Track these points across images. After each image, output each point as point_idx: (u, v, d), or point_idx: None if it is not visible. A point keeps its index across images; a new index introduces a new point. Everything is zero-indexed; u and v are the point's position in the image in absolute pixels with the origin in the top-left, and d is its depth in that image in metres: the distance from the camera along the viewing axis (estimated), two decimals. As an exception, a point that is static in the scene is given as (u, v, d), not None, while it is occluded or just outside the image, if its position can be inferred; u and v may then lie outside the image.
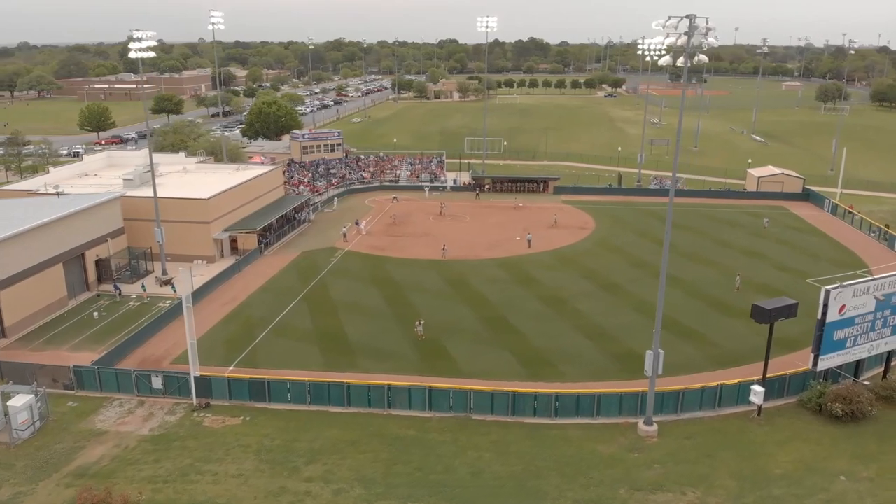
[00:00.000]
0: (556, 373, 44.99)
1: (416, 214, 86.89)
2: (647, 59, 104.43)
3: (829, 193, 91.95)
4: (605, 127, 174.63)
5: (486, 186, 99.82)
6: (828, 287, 37.91)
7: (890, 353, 42.25)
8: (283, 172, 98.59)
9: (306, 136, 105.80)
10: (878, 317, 39.92)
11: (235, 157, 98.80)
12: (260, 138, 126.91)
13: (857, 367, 41.52)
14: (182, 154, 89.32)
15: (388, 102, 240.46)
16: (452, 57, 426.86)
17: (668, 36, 32.79)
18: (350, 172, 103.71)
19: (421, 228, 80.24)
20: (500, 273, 64.43)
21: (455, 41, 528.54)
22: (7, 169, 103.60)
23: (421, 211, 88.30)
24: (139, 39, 56.87)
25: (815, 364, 38.98)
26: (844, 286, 37.99)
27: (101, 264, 61.51)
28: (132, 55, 57.96)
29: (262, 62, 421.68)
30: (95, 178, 78.20)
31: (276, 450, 36.55)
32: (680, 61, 33.46)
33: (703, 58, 34.32)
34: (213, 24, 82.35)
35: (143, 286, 59.20)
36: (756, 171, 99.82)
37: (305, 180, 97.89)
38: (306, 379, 41.13)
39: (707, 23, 32.80)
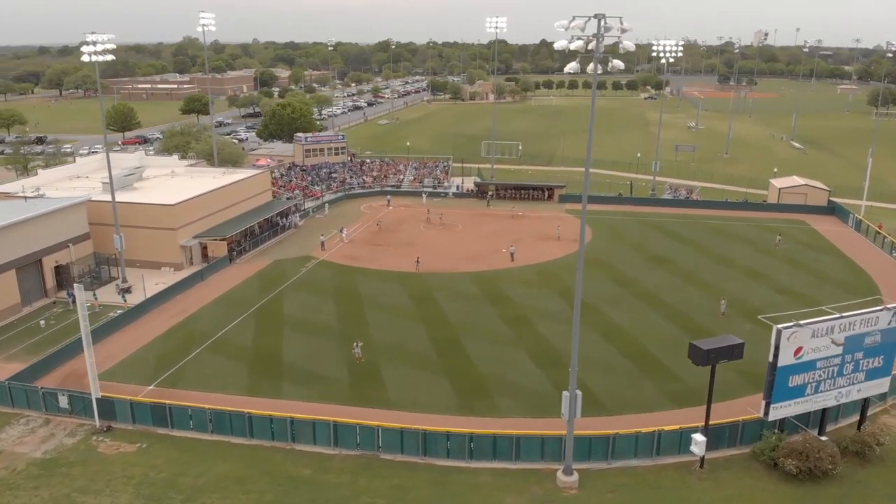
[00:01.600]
0: (490, 406, 41.10)
1: (409, 222, 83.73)
2: (663, 60, 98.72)
3: (858, 207, 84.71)
4: (637, 130, 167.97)
5: (491, 193, 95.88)
6: (780, 326, 33.00)
7: (866, 402, 36.95)
8: (282, 176, 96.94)
9: (309, 139, 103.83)
10: (847, 360, 34.72)
11: (236, 159, 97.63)
12: (274, 140, 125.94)
13: (823, 417, 36.32)
14: (175, 157, 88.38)
15: (421, 104, 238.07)
16: (498, 57, 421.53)
17: (572, 40, 28.69)
18: (351, 177, 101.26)
19: (407, 237, 77.02)
20: (471, 289, 60.66)
21: (504, 41, 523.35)
22: (14, 169, 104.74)
23: (414, 218, 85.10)
24: (93, 43, 55.21)
25: (766, 413, 34.09)
26: (801, 325, 33.03)
27: (60, 270, 60.39)
28: (84, 58, 56.35)
29: (308, 63, 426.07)
30: (86, 180, 77.60)
31: (158, 483, 33.87)
32: (591, 67, 29.28)
33: (618, 63, 30.08)
34: (203, 25, 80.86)
35: (94, 294, 57.66)
36: (778, 182, 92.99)
37: (303, 184, 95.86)
38: (207, 406, 38.37)
39: (622, 23, 28.60)
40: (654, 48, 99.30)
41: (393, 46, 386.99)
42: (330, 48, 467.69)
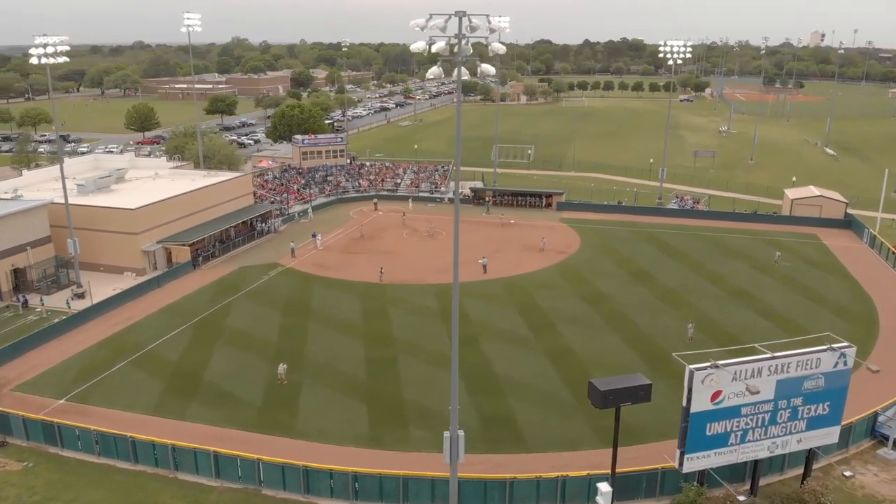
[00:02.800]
0: (402, 438, 37.91)
1: (392, 228, 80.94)
2: (670, 61, 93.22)
3: (880, 221, 78.15)
4: (663, 134, 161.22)
5: (489, 200, 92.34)
6: (693, 367, 28.92)
7: (810, 453, 32.43)
8: (274, 178, 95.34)
9: (306, 141, 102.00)
10: (780, 407, 30.35)
11: (231, 161, 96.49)
12: (283, 141, 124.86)
13: (755, 470, 31.96)
14: (163, 159, 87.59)
15: (450, 105, 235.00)
16: (539, 58, 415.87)
17: (431, 40, 25.35)
18: (347, 180, 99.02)
19: (385, 245, 74.22)
20: (430, 302, 57.46)
21: (548, 41, 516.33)
22: (17, 168, 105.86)
23: (398, 224, 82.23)
24: (43, 45, 54.11)
25: (680, 463, 30.01)
26: (719, 366, 28.89)
27: (17, 274, 59.62)
28: (33, 61, 55.33)
29: (348, 63, 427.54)
30: (70, 181, 77.17)
31: (22, 511, 31.88)
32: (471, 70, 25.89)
33: (488, 68, 26.61)
34: (187, 26, 79.65)
35: (41, 300, 56.60)
36: (792, 192, 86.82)
37: (295, 188, 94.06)
38: (92, 427, 36.23)
39: (489, 21, 25.15)
40: (661, 49, 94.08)
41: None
42: (373, 49, 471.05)
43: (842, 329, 51.54)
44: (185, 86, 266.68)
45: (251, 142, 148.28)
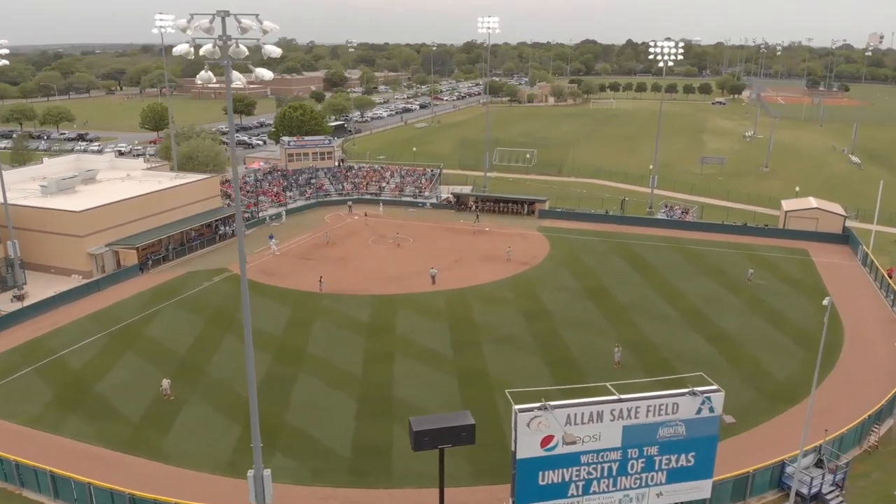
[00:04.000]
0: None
1: (361, 234, 78.87)
2: (661, 64, 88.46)
3: (882, 235, 72.29)
4: (685, 138, 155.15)
5: (475, 207, 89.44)
6: (520, 408, 25.84)
7: (674, 506, 28.90)
8: (257, 181, 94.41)
9: (292, 143, 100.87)
10: (631, 456, 26.99)
11: (215, 162, 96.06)
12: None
13: (609, 522, 28.59)
14: (140, 160, 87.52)
15: (475, 107, 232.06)
16: (580, 58, 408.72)
17: (194, 42, 23.05)
18: (331, 183, 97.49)
19: (346, 252, 72.20)
20: (361, 315, 55.06)
21: (593, 41, 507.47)
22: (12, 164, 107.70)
23: (368, 230, 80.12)
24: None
25: (511, 515, 26.99)
26: (549, 408, 25.75)
27: (-41, 274, 59.83)
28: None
29: (387, 64, 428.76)
30: (34, 182, 77.29)
31: None
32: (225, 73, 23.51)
33: (264, 72, 24.16)
34: (159, 27, 79.24)
35: (-29, 302, 56.54)
36: (788, 204, 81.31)
37: (275, 190, 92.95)
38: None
39: (261, 22, 22.67)
40: (651, 49, 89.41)
41: (459, 46, 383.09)
42: (414, 49, 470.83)
43: (793, 357, 47.66)
44: (218, 85, 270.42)
45: (260, 142, 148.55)
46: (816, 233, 75.94)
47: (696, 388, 27.06)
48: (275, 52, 24.69)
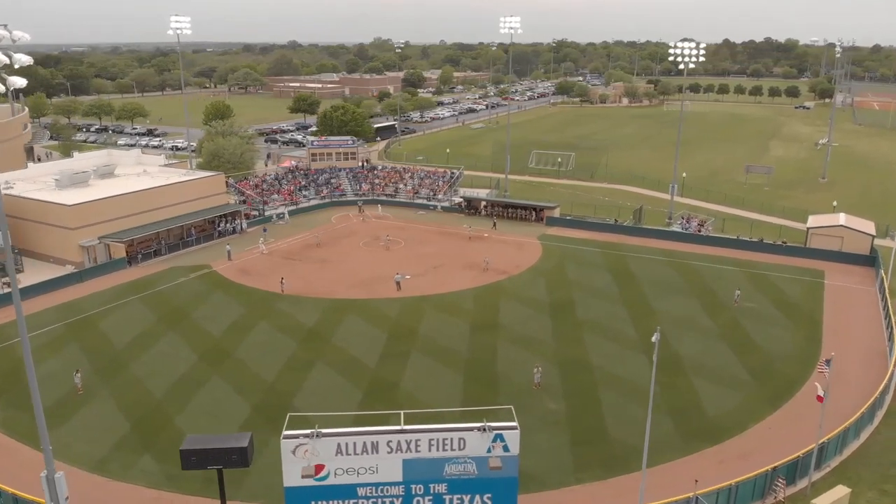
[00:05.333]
0: (131, 464, 35.94)
1: (358, 235, 78.78)
2: (682, 66, 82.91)
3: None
4: (748, 145, 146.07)
5: (483, 211, 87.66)
6: (287, 433, 24.48)
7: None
8: (276, 179, 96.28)
9: (315, 143, 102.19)
10: (415, 492, 25.07)
11: (242, 161, 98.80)
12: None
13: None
14: (162, 157, 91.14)
15: (542, 107, 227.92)
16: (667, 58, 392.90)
17: None
18: (351, 183, 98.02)
19: (331, 253, 72.22)
20: (309, 319, 54.67)
21: (690, 40, 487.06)
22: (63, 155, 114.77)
23: (364, 232, 79.86)
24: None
25: (288, 544, 25.62)
26: (318, 435, 24.28)
27: (-41, 261, 64.05)
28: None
29: (471, 64, 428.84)
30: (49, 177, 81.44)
31: None
32: None
33: (17, 80, 23.83)
34: (174, 29, 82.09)
35: (-49, 288, 60.41)
36: (815, 220, 74.53)
37: (292, 188, 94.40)
38: None
39: (10, 32, 22.38)
40: (672, 51, 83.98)
41: (550, 44, 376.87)
42: (503, 49, 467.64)
43: (738, 391, 43.59)
44: (297, 84, 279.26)
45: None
46: (840, 253, 69.19)
47: (489, 424, 24.78)
48: (26, 60, 24.29)
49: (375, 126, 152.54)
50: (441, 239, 77.54)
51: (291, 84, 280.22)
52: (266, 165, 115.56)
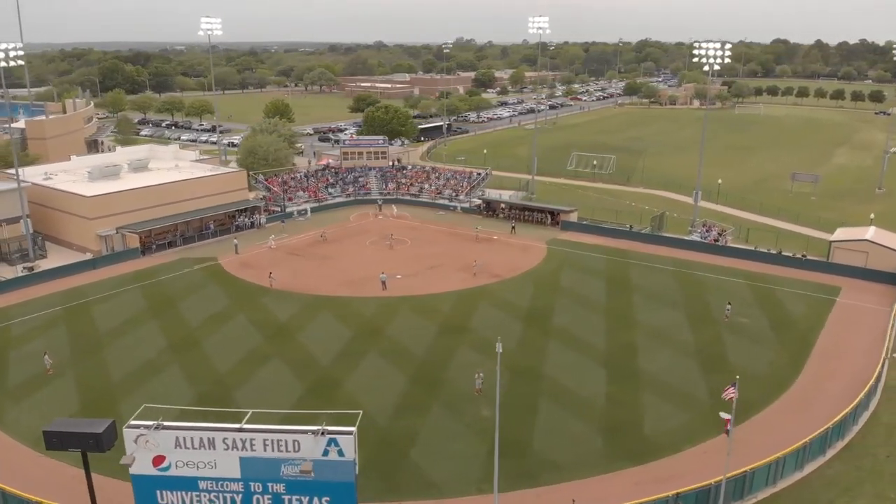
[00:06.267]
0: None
1: (368, 233, 79.75)
2: (706, 67, 78.96)
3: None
4: (811, 151, 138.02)
5: (501, 213, 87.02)
6: (130, 423, 25.31)
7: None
8: (306, 177, 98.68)
9: (347, 142, 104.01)
10: (254, 489, 25.44)
11: (277, 158, 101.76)
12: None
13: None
14: (197, 153, 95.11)
15: (608, 108, 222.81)
16: (759, 58, 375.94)
17: None
18: (379, 183, 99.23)
19: (335, 250, 73.48)
20: (283, 314, 55.82)
21: (784, 41, 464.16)
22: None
23: (374, 231, 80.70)
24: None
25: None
26: (158, 427, 25.00)
27: (-8, 245, 69.23)
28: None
29: (550, 63, 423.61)
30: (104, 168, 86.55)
31: None
32: None
33: None
34: (206, 30, 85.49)
35: (-4, 269, 65.23)
36: (843, 233, 69.76)
37: (320, 186, 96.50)
38: None
39: None
40: (695, 52, 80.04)
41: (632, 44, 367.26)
42: (583, 48, 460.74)
43: (688, 411, 41.14)
44: (368, 84, 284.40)
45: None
46: (864, 269, 64.51)
47: (325, 428, 24.75)
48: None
49: (423, 126, 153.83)
50: (449, 240, 77.39)
51: (363, 84, 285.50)
52: (309, 164, 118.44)
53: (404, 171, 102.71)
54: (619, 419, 40.40)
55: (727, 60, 78.30)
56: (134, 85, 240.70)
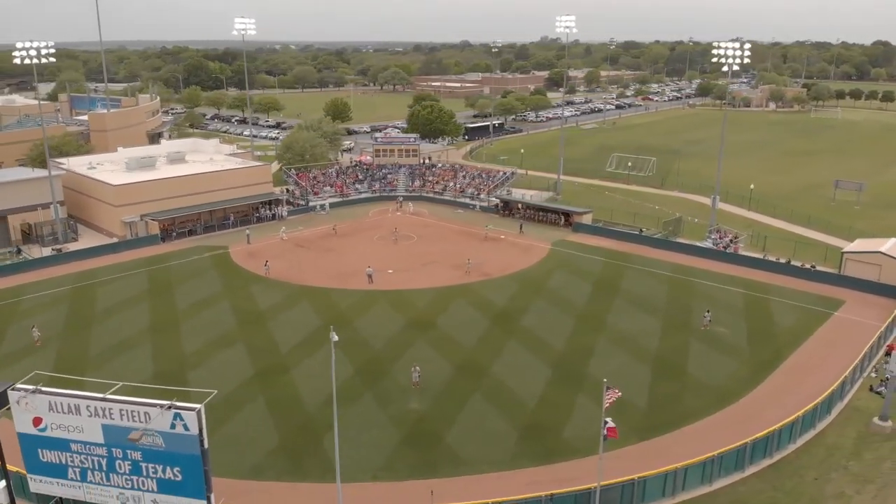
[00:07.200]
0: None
1: (378, 230, 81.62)
2: (726, 67, 75.54)
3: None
4: (874, 159, 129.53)
5: (518, 213, 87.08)
6: (16, 385, 27.88)
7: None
8: (337, 174, 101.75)
9: (380, 140, 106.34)
10: (116, 455, 27.45)
11: (311, 154, 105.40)
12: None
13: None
14: (235, 147, 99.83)
15: (678, 109, 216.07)
16: (853, 60, 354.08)
17: None
18: (407, 180, 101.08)
19: (341, 244, 75.76)
20: (267, 302, 58.45)
21: (885, 43, 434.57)
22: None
23: (387, 226, 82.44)
24: (26, 49, 67.83)
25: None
26: (34, 391, 27.43)
27: (31, 227, 75.36)
28: (16, 61, 69.28)
29: (630, 63, 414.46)
30: (145, 160, 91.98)
31: None
32: None
33: None
34: (239, 30, 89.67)
35: (18, 249, 71.11)
36: (859, 245, 65.89)
37: (346, 182, 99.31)
38: None
39: None
40: (714, 52, 76.50)
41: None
42: (668, 47, 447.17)
43: (619, 418, 40.35)
44: (438, 84, 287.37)
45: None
46: (876, 283, 60.82)
47: (174, 403, 26.45)
48: None
49: (472, 126, 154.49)
50: (456, 238, 78.19)
51: (434, 83, 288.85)
52: (351, 160, 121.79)
53: (433, 169, 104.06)
54: (543, 420, 40.32)
55: (747, 60, 74.63)
56: (217, 82, 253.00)
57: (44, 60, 70.66)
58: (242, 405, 41.75)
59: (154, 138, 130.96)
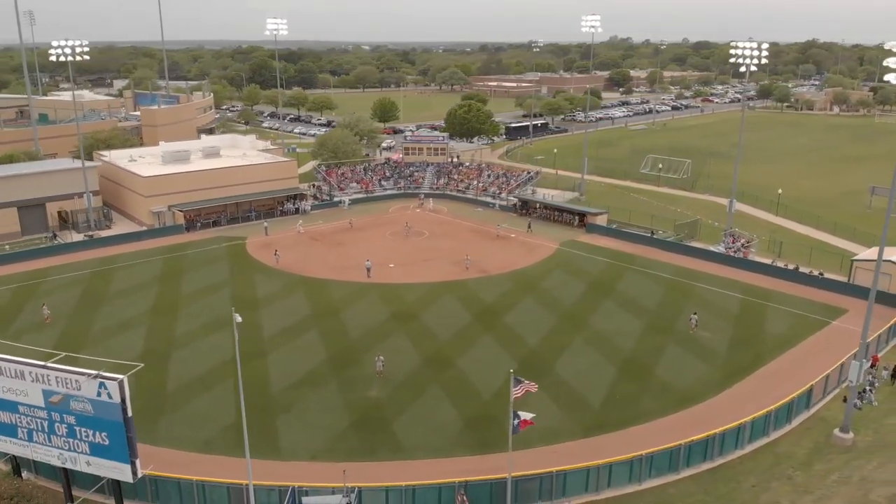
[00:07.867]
0: None
1: (391, 225, 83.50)
2: (743, 68, 73.32)
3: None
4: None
5: (535, 213, 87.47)
6: (-33, 353, 30.94)
7: (117, 484, 30.82)
8: (364, 169, 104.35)
9: (409, 138, 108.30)
10: (55, 419, 30.12)
11: (343, 150, 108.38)
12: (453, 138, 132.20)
13: (67, 477, 31.68)
14: (269, 143, 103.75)
15: (731, 111, 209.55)
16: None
17: None
18: (433, 178, 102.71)
19: (353, 238, 78.03)
20: (267, 291, 61.13)
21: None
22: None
23: (401, 222, 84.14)
24: (61, 47, 72.79)
25: (-23, 443, 32.11)
26: (-17, 360, 30.41)
27: (62, 214, 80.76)
28: (52, 59, 74.30)
29: (699, 63, 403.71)
30: (176, 154, 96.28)
31: None
32: None
33: None
34: (271, 30, 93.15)
35: (53, 233, 76.42)
36: (871, 252, 63.33)
37: (374, 178, 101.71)
38: None
39: None
40: (732, 52, 74.30)
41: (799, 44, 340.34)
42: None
43: (570, 415, 41.06)
44: (494, 84, 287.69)
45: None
46: (886, 293, 58.46)
47: (100, 373, 28.81)
48: None
49: (514, 126, 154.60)
50: (468, 235, 79.23)
51: (490, 83, 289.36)
52: (385, 158, 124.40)
53: (459, 168, 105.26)
54: (493, 413, 40.99)
55: (764, 61, 72.67)
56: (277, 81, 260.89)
57: (78, 58, 75.66)
58: (213, 385, 44.21)
59: (206, 134, 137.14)
